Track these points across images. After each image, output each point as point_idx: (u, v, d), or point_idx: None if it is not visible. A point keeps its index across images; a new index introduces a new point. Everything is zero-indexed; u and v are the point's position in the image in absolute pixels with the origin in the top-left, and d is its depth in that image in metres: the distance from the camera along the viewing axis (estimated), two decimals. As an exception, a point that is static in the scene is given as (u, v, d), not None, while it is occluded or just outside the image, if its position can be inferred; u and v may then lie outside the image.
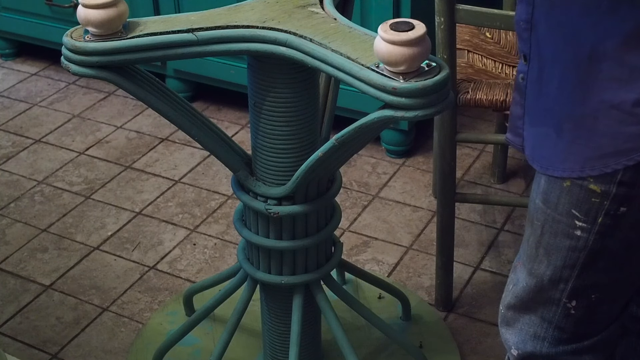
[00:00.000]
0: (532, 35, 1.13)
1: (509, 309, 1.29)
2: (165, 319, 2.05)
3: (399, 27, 1.26)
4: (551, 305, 1.25)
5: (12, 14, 3.09)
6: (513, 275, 1.29)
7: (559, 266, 1.21)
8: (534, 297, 1.25)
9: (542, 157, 1.17)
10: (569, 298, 1.23)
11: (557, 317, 1.25)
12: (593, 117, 1.09)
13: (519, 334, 1.29)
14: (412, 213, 2.41)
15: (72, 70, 1.42)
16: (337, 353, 1.86)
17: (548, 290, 1.23)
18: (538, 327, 1.27)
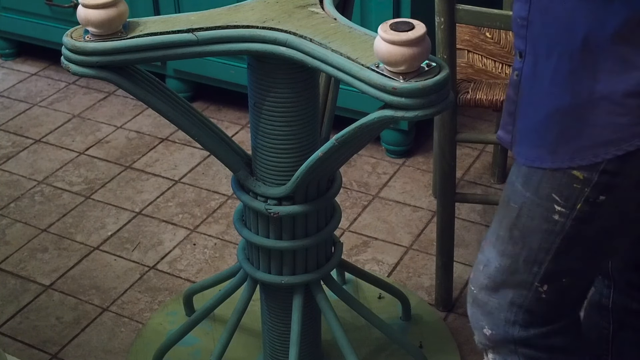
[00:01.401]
0: (528, 32, 1.14)
1: (482, 289, 1.30)
2: (165, 319, 2.05)
3: (399, 27, 1.26)
4: (522, 289, 1.26)
5: (12, 14, 3.09)
6: (481, 256, 1.30)
7: (534, 249, 1.22)
8: (507, 279, 1.26)
9: (530, 150, 1.18)
10: (540, 282, 1.24)
11: (527, 301, 1.26)
12: (584, 108, 1.11)
13: (489, 316, 1.30)
14: (412, 213, 2.41)
15: (72, 70, 1.42)
16: (337, 353, 1.86)
17: (521, 273, 1.24)
18: (508, 312, 1.28)
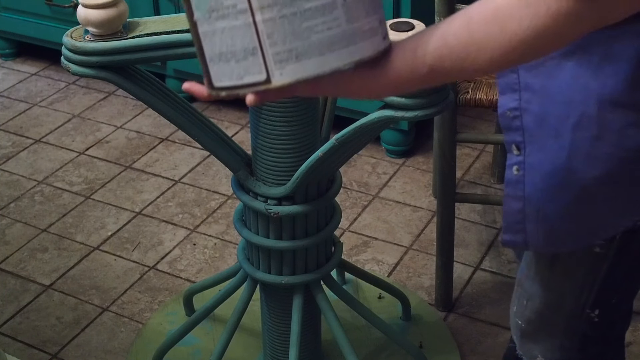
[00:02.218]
0: (523, 122, 1.08)
1: (530, 324, 1.27)
2: (165, 319, 2.05)
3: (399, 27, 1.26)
4: (573, 318, 1.22)
5: (12, 14, 3.09)
6: (522, 291, 1.26)
7: (579, 280, 1.18)
8: (555, 312, 1.23)
9: (569, 232, 1.11)
10: (591, 308, 1.20)
11: (581, 327, 1.23)
12: (621, 169, 1.04)
13: (544, 344, 1.27)
14: (412, 213, 2.41)
15: (72, 70, 1.43)
16: (337, 353, 1.86)
17: (570, 304, 1.21)
18: (563, 339, 1.25)
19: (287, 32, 0.85)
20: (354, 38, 0.87)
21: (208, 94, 0.95)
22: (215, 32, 0.89)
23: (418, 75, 0.91)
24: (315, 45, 0.86)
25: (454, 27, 0.89)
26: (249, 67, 0.89)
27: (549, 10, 0.84)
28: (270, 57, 0.87)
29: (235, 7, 0.86)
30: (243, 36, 0.87)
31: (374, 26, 0.89)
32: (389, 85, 0.92)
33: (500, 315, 2.05)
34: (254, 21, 0.86)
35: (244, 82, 0.90)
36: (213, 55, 0.91)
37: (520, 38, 0.86)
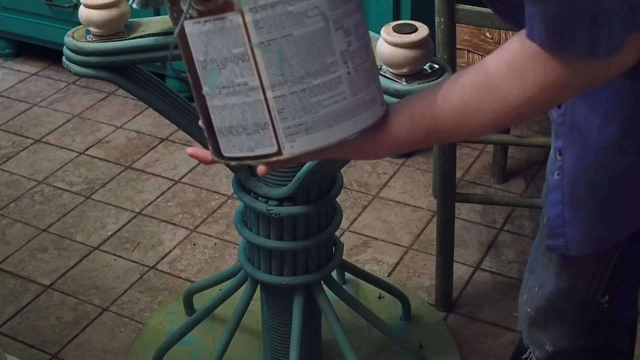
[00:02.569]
0: (565, 126, 1.12)
1: (539, 311, 1.29)
2: (165, 318, 2.05)
3: (402, 29, 1.27)
4: (584, 304, 1.25)
5: (12, 14, 3.09)
6: (534, 278, 1.28)
7: (592, 268, 1.21)
8: (567, 299, 1.25)
9: (605, 232, 1.16)
10: (602, 294, 1.23)
11: (590, 314, 1.26)
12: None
13: (552, 332, 1.30)
14: (412, 213, 2.41)
15: (73, 70, 1.43)
16: (337, 353, 1.86)
17: (581, 290, 1.23)
18: (572, 326, 1.28)
19: (297, 107, 0.89)
20: (357, 109, 0.91)
21: (212, 159, 0.99)
22: (225, 106, 0.91)
23: (415, 138, 0.97)
24: (323, 119, 0.90)
25: (448, 93, 0.94)
26: (260, 140, 0.91)
27: (537, 80, 0.89)
28: (281, 130, 0.90)
29: (247, 85, 0.89)
30: (254, 112, 0.90)
31: (374, 95, 0.93)
32: (387, 148, 0.97)
33: (501, 315, 2.05)
34: (265, 98, 0.89)
35: (255, 154, 0.93)
36: (222, 128, 0.93)
37: (510, 105, 0.91)
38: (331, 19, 0.88)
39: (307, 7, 0.86)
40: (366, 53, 0.93)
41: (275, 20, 0.86)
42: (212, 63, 0.90)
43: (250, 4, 0.86)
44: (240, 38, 0.87)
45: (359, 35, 0.91)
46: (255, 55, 0.88)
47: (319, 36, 0.88)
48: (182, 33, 0.91)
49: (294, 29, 0.87)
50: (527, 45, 0.89)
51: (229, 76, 0.89)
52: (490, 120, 0.94)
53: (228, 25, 0.87)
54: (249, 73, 0.89)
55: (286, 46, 0.87)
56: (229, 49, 0.88)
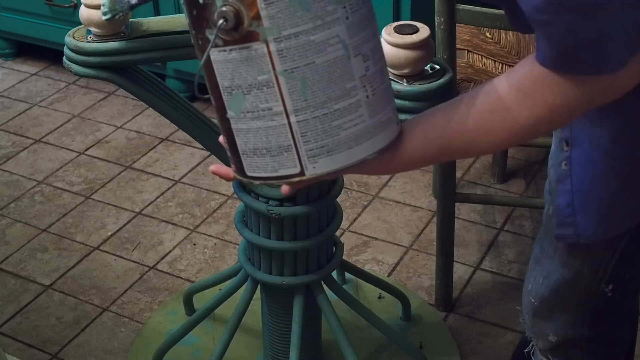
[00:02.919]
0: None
1: (543, 302, 1.30)
2: (165, 318, 2.05)
3: (403, 30, 1.27)
4: (588, 293, 1.26)
5: (12, 14, 3.09)
6: (539, 268, 1.30)
7: (598, 256, 1.22)
8: (571, 289, 1.27)
9: (620, 216, 1.17)
10: (606, 283, 1.24)
11: (594, 302, 1.27)
12: None
13: (556, 322, 1.31)
14: (412, 213, 2.41)
15: (74, 70, 1.43)
16: (337, 353, 1.86)
17: (586, 279, 1.25)
18: (576, 316, 1.29)
19: (319, 130, 0.93)
20: (375, 130, 0.95)
21: (234, 177, 1.03)
22: (249, 130, 0.95)
23: (428, 156, 1.02)
24: (344, 141, 0.94)
25: (461, 113, 0.98)
26: (283, 162, 0.95)
27: (546, 102, 0.94)
28: (304, 152, 0.94)
29: (271, 110, 0.92)
30: (278, 135, 0.93)
31: (390, 116, 0.97)
32: (402, 165, 1.02)
33: (501, 315, 2.05)
34: (288, 122, 0.93)
35: (278, 175, 0.97)
36: (247, 149, 0.97)
37: (520, 125, 0.96)
38: (350, 46, 0.91)
39: (329, 35, 0.90)
40: (382, 76, 0.96)
41: (298, 49, 0.89)
42: (237, 89, 0.93)
43: (274, 34, 0.89)
44: (265, 66, 0.90)
45: (375, 60, 0.95)
46: (280, 82, 0.91)
47: (339, 63, 0.91)
48: (207, 60, 0.94)
49: (316, 57, 0.90)
50: (536, 68, 0.93)
51: (253, 101, 0.92)
52: (501, 140, 0.99)
53: (253, 53, 0.90)
54: (273, 99, 0.92)
55: (309, 73, 0.90)
56: (254, 76, 0.91)
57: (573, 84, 0.92)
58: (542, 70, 0.93)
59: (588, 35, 0.88)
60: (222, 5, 0.89)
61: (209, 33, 0.92)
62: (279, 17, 0.88)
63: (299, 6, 0.88)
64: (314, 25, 0.89)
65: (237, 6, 0.88)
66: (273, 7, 0.88)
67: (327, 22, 0.89)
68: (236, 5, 0.88)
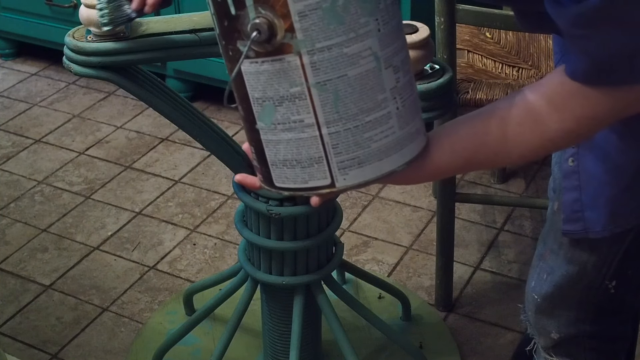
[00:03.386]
0: None
1: (546, 298, 1.31)
2: (165, 318, 2.05)
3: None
4: (591, 289, 1.27)
5: (12, 14, 3.09)
6: (543, 265, 1.30)
7: (603, 252, 1.22)
8: (574, 284, 1.27)
9: (632, 210, 1.17)
10: (610, 279, 1.25)
11: (597, 298, 1.28)
12: None
13: (559, 319, 1.32)
14: (412, 213, 2.41)
15: (74, 70, 1.43)
16: (337, 353, 1.86)
17: (590, 275, 1.25)
18: (579, 312, 1.30)
19: (350, 142, 0.93)
20: (405, 141, 0.95)
21: (260, 186, 1.02)
22: (280, 141, 0.94)
23: (454, 167, 1.03)
24: (374, 153, 0.94)
25: (488, 125, 0.99)
26: (313, 173, 0.95)
27: (575, 115, 0.94)
28: (335, 164, 0.94)
29: (302, 122, 0.92)
30: (309, 147, 0.93)
31: (418, 127, 0.97)
32: (428, 175, 1.02)
33: (501, 315, 2.05)
34: (320, 134, 0.92)
35: (308, 186, 0.96)
36: (276, 160, 0.96)
37: (549, 138, 0.96)
38: (382, 58, 0.91)
39: (361, 48, 0.90)
40: (411, 87, 0.97)
41: (331, 61, 0.89)
42: (268, 100, 0.92)
43: (308, 46, 0.88)
44: (298, 78, 0.90)
45: (405, 71, 0.95)
46: (312, 95, 0.91)
47: (371, 75, 0.91)
48: (237, 71, 0.94)
49: (348, 69, 0.90)
50: (566, 81, 0.93)
51: (285, 113, 0.92)
52: (528, 152, 0.99)
53: (286, 66, 0.90)
54: (305, 111, 0.92)
55: (341, 86, 0.90)
56: (286, 88, 0.91)
57: (602, 97, 0.92)
58: (572, 84, 0.93)
59: (626, 48, 0.88)
60: (255, 17, 0.88)
61: (241, 44, 0.91)
62: (312, 29, 0.88)
63: (332, 19, 0.87)
64: (347, 37, 0.88)
65: (270, 18, 0.87)
66: (307, 19, 0.87)
67: (360, 35, 0.89)
68: (269, 18, 0.87)
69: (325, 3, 0.87)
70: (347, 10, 0.87)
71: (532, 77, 1.99)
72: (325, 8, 0.87)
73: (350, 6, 0.88)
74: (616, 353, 1.36)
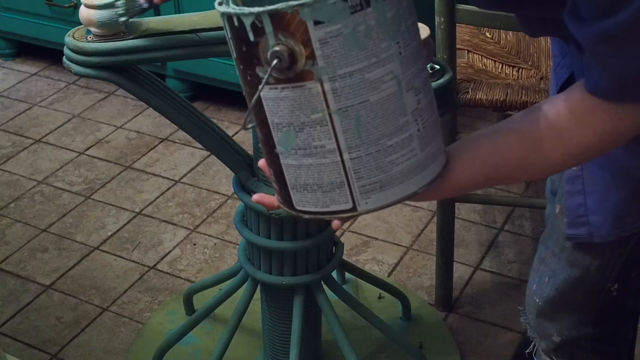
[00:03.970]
0: None
1: (548, 302, 1.31)
2: (165, 318, 2.05)
3: None
4: (594, 292, 1.26)
5: (12, 14, 3.09)
6: (545, 268, 1.30)
7: (607, 255, 1.22)
8: (576, 288, 1.27)
9: (637, 215, 1.17)
10: (613, 282, 1.25)
11: (599, 301, 1.27)
12: None
13: (560, 322, 1.31)
14: (412, 213, 2.41)
15: (74, 70, 1.43)
16: (337, 353, 1.86)
17: (592, 278, 1.25)
18: (581, 315, 1.30)
19: (372, 167, 0.91)
20: (426, 162, 0.94)
21: (279, 206, 1.01)
22: (301, 166, 0.93)
23: (475, 183, 1.02)
24: (396, 176, 0.93)
25: (509, 140, 0.98)
26: (335, 198, 0.94)
27: (596, 131, 0.93)
28: (357, 189, 0.93)
29: (324, 148, 0.91)
30: (330, 172, 0.92)
31: (439, 146, 0.96)
32: (448, 192, 1.01)
33: (500, 315, 2.05)
34: (341, 160, 0.91)
35: (329, 210, 0.95)
36: (296, 185, 0.95)
37: (570, 154, 0.96)
38: (403, 81, 0.90)
39: (383, 72, 0.88)
40: (432, 108, 0.96)
41: (353, 87, 0.88)
42: (288, 126, 0.91)
43: (329, 73, 0.87)
44: (319, 105, 0.89)
45: (426, 92, 0.94)
46: (334, 121, 0.89)
47: (393, 99, 0.90)
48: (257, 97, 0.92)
49: (370, 94, 0.89)
50: (587, 97, 0.93)
51: (305, 139, 0.91)
52: (549, 167, 0.99)
53: (307, 92, 0.89)
54: (326, 137, 0.90)
55: (363, 111, 0.89)
56: (307, 114, 0.90)
57: (624, 113, 0.92)
58: (592, 100, 0.92)
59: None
60: (275, 44, 0.86)
61: (260, 70, 0.89)
62: (334, 56, 0.86)
63: (354, 45, 0.86)
64: (369, 63, 0.87)
65: (291, 45, 0.85)
66: (328, 46, 0.86)
67: (381, 60, 0.88)
68: (290, 45, 0.85)
69: (347, 29, 0.85)
70: (369, 35, 0.86)
71: (532, 77, 1.99)
72: (346, 34, 0.85)
73: (372, 31, 0.86)
74: (618, 355, 1.36)
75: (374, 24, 0.86)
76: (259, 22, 0.86)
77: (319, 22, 0.84)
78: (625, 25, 0.84)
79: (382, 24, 0.86)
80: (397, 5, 0.88)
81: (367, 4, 0.85)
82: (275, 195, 1.01)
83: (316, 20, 0.84)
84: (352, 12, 0.85)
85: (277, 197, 1.00)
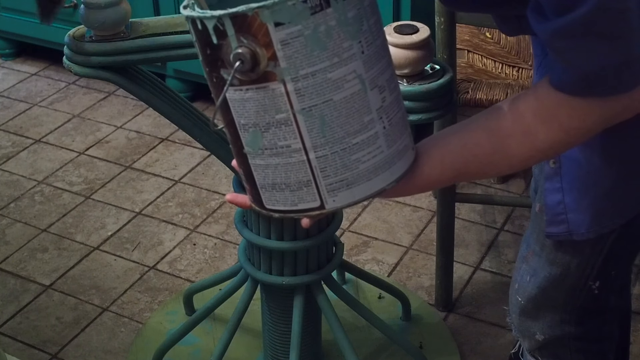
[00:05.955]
0: None
1: (530, 300, 1.31)
2: (165, 318, 2.05)
3: (403, 30, 1.27)
4: (575, 290, 1.26)
5: (12, 14, 3.09)
6: (526, 266, 1.30)
7: (586, 253, 1.22)
8: (558, 285, 1.27)
9: (616, 211, 1.17)
10: (593, 280, 1.25)
11: (580, 300, 1.27)
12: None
13: (543, 321, 1.31)
14: (412, 213, 2.41)
15: (74, 70, 1.43)
16: (337, 353, 1.86)
17: (573, 276, 1.25)
18: (563, 314, 1.30)
19: (338, 165, 0.93)
20: (393, 159, 0.95)
21: (251, 206, 1.03)
22: (268, 166, 0.95)
23: (444, 179, 1.02)
24: (363, 173, 0.94)
25: (477, 137, 0.99)
26: (303, 196, 0.95)
27: (562, 126, 0.95)
28: (324, 187, 0.94)
29: (290, 147, 0.92)
30: (297, 171, 0.93)
31: (407, 143, 0.97)
32: (418, 188, 1.02)
33: (501, 315, 2.05)
34: (307, 159, 0.93)
35: (298, 208, 0.97)
36: (265, 184, 0.96)
37: (537, 149, 0.97)
38: (367, 80, 0.91)
39: (346, 72, 0.89)
40: (398, 105, 0.96)
41: (315, 87, 0.89)
42: (254, 127, 0.92)
43: (292, 73, 0.88)
44: (283, 105, 0.90)
45: (391, 90, 0.94)
46: (298, 121, 0.91)
47: (356, 98, 0.91)
48: (223, 98, 0.93)
49: (333, 94, 0.90)
50: (552, 92, 0.93)
51: (271, 139, 0.92)
52: (518, 162, 1.00)
53: (270, 93, 0.90)
54: (291, 136, 0.91)
55: (327, 110, 0.90)
56: (271, 115, 0.91)
57: (590, 107, 0.92)
58: (558, 95, 0.93)
59: (612, 59, 0.88)
60: (237, 46, 0.87)
61: (224, 73, 0.91)
62: (295, 57, 0.87)
63: (315, 45, 0.87)
64: (331, 63, 0.88)
65: (253, 47, 0.87)
66: (290, 47, 0.87)
67: (343, 59, 0.88)
68: (252, 47, 0.87)
69: (308, 30, 0.86)
70: (330, 36, 0.87)
71: (531, 77, 1.99)
72: (307, 35, 0.86)
73: (333, 32, 0.87)
74: (603, 354, 1.35)
75: (334, 24, 0.87)
76: (221, 25, 0.87)
77: (280, 23, 0.85)
78: (583, 20, 0.84)
79: (343, 24, 0.87)
80: (359, 4, 0.89)
81: (327, 4, 0.86)
82: (248, 195, 1.02)
83: (277, 22, 0.85)
84: (312, 13, 0.85)
85: (249, 196, 1.02)
